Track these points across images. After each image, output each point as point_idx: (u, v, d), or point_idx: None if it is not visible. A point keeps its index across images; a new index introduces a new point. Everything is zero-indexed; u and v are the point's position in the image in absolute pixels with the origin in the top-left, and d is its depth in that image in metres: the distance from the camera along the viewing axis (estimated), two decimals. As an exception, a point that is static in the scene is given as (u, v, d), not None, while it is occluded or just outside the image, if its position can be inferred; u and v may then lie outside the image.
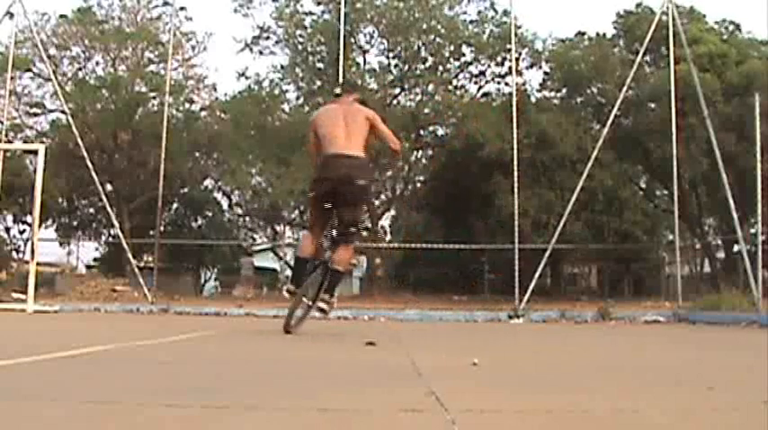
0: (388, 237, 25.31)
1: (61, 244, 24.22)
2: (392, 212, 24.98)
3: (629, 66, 15.08)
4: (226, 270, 28.52)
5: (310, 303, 5.57)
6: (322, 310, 5.50)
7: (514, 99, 13.88)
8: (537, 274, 12.06)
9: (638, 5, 20.05)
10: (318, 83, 20.19)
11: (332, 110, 5.82)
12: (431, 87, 20.23)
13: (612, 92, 16.68)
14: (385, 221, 24.79)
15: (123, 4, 21.97)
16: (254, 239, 27.88)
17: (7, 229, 24.73)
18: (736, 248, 16.93)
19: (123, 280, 16.22)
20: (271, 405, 2.17)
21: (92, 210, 24.38)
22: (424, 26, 19.53)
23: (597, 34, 20.42)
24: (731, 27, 20.00)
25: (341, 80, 13.69)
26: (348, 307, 11.79)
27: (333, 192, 5.42)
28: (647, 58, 17.23)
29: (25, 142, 20.37)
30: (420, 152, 22.38)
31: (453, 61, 20.53)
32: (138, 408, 2.04)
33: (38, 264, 11.81)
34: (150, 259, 18.04)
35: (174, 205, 25.21)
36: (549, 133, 17.77)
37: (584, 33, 20.59)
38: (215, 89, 22.97)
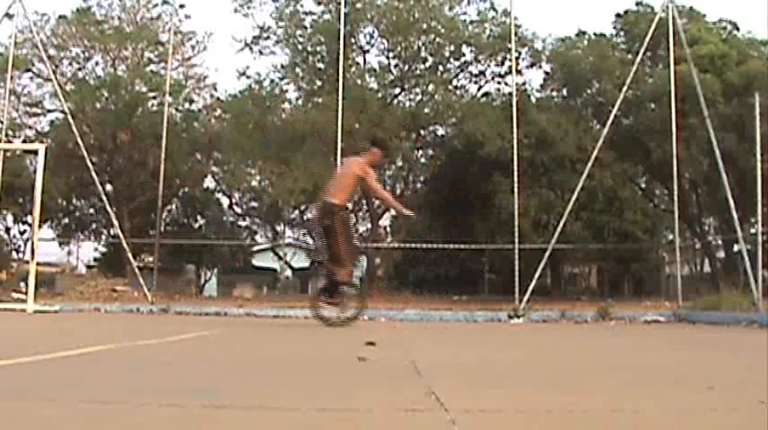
0: (389, 238, 25.31)
1: (61, 244, 24.23)
2: (392, 212, 24.97)
3: (629, 65, 15.08)
4: (226, 270, 28.54)
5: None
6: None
7: (514, 99, 13.88)
8: (537, 274, 12.06)
9: (638, 4, 20.04)
10: (318, 83, 20.18)
11: None
12: (431, 87, 20.22)
13: (612, 92, 16.65)
14: (385, 221, 24.78)
15: (123, 3, 21.96)
16: (255, 239, 27.88)
17: (7, 229, 24.75)
18: (736, 248, 16.92)
19: (123, 280, 16.22)
20: (270, 405, 2.18)
21: (91, 211, 24.36)
22: (424, 26, 19.51)
23: (597, 34, 20.42)
24: (729, 27, 19.99)
25: (341, 83, 13.71)
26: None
27: None
28: (648, 56, 17.21)
29: (25, 142, 20.34)
30: (420, 152, 22.38)
31: (453, 61, 20.52)
32: (138, 408, 2.04)
33: (38, 264, 11.80)
34: (150, 259, 18.03)
35: (174, 205, 25.19)
36: (549, 133, 17.75)
37: (584, 33, 20.59)
38: (215, 89, 22.96)
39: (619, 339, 6.56)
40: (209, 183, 25.37)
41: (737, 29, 20.00)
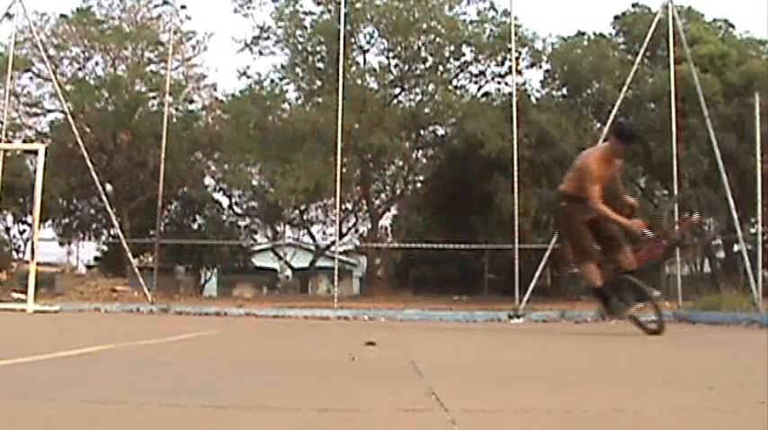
0: (389, 238, 25.32)
1: (61, 244, 24.20)
2: (392, 212, 25.00)
3: (628, 65, 15.07)
4: (226, 270, 28.50)
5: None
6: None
7: (514, 99, 13.88)
8: (537, 274, 12.05)
9: (636, 5, 20.05)
10: (318, 83, 20.19)
11: None
12: (431, 87, 20.23)
13: (612, 92, 16.66)
14: (385, 221, 24.79)
15: (123, 3, 21.96)
16: (255, 239, 27.86)
17: (7, 229, 24.71)
18: (736, 248, 16.92)
19: (123, 280, 16.21)
20: (270, 405, 2.18)
21: (92, 211, 24.33)
22: (424, 26, 19.52)
23: (597, 34, 20.42)
24: (725, 26, 20.00)
25: (341, 80, 13.70)
26: (348, 307, 11.79)
27: None
28: (647, 56, 17.20)
29: (25, 142, 20.34)
30: (420, 152, 22.39)
31: (453, 61, 20.52)
32: (138, 408, 2.04)
33: (38, 264, 11.80)
34: (150, 259, 18.03)
35: (174, 205, 25.16)
36: (549, 133, 17.74)
37: (584, 33, 20.59)
38: (215, 89, 22.95)
39: (618, 339, 6.55)
40: (209, 182, 25.38)
41: (733, 27, 20.04)
